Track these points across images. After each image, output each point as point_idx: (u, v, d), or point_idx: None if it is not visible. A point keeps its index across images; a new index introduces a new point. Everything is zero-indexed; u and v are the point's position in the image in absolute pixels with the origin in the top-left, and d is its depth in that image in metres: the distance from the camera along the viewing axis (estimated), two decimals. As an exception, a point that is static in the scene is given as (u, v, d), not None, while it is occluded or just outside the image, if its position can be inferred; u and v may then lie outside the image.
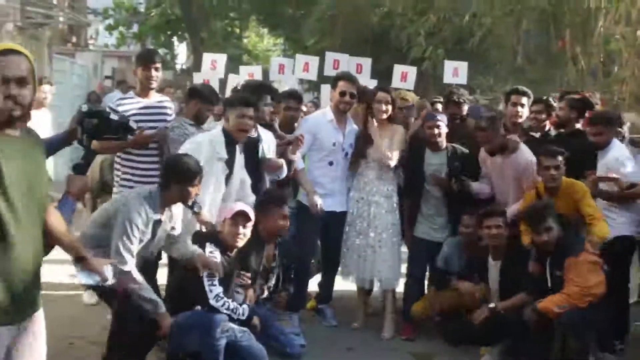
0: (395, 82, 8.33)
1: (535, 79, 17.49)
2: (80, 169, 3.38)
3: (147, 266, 4.80)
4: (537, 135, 6.26)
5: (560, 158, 5.24)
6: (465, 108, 6.37)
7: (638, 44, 14.57)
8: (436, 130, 5.81)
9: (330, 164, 5.93)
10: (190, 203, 4.65)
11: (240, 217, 4.96)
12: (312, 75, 8.56)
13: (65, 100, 15.14)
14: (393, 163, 5.70)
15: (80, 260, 3.16)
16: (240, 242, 5.00)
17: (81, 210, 6.68)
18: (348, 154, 6.01)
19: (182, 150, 5.02)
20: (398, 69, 8.47)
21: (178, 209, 4.77)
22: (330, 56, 8.56)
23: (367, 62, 8.49)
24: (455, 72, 8.79)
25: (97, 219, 4.64)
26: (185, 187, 4.52)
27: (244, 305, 4.94)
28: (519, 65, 17.05)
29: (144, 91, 5.52)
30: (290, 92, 6.22)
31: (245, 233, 4.99)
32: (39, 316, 2.82)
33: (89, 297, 6.23)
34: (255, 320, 4.98)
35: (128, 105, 5.43)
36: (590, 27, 15.52)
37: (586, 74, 15.60)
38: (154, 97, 5.58)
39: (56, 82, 16.50)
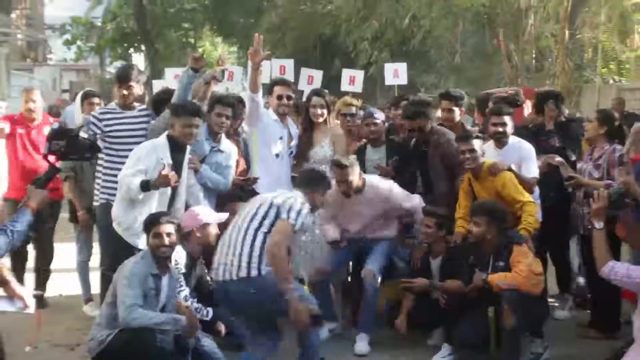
0: (344, 85, 8.36)
1: (474, 76, 17.79)
2: (39, 183, 3.35)
3: None
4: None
5: (474, 142, 5.22)
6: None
7: (566, 40, 14.96)
8: (374, 127, 5.90)
9: (277, 156, 5.95)
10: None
11: (207, 226, 4.90)
12: (265, 79, 8.47)
13: (24, 114, 14.86)
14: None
15: (1, 285, 3.10)
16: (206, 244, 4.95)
17: None
18: (293, 152, 6.05)
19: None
20: (346, 73, 8.52)
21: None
22: (276, 63, 8.63)
23: (318, 74, 8.53)
24: (395, 73, 8.84)
25: (108, 299, 4.48)
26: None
27: (209, 308, 4.90)
28: (458, 64, 17.30)
29: (124, 104, 5.46)
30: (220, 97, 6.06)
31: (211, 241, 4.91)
32: None
33: (91, 310, 5.97)
34: (220, 326, 4.89)
35: (110, 115, 5.36)
36: (522, 26, 15.87)
37: (520, 69, 15.96)
38: (135, 109, 5.49)
39: (15, 97, 16.26)
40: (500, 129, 5.46)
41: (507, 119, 5.48)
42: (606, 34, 15.56)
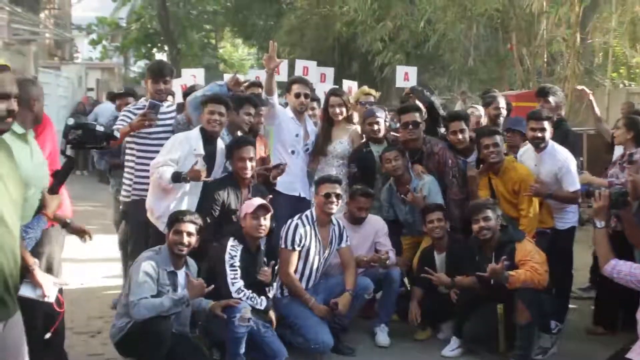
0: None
1: (487, 79, 17.65)
2: (58, 176, 3.34)
3: None
4: None
5: (497, 137, 5.29)
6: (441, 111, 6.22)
7: (577, 45, 14.83)
8: (376, 126, 5.89)
9: (293, 152, 5.95)
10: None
11: (260, 210, 4.83)
12: (283, 77, 8.40)
13: (51, 110, 14.92)
14: None
15: (26, 272, 3.03)
16: (262, 233, 4.84)
17: None
18: (309, 149, 6.04)
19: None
20: (345, 83, 8.78)
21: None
22: (299, 63, 8.68)
23: (329, 71, 8.64)
24: (406, 76, 8.91)
25: (125, 290, 4.49)
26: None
27: (263, 297, 4.81)
28: (471, 67, 17.18)
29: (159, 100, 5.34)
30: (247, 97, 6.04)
31: (266, 225, 4.81)
32: (18, 314, 2.63)
33: None
34: (271, 315, 4.83)
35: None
36: (535, 31, 15.74)
37: (532, 73, 15.83)
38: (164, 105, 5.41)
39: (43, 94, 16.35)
40: (539, 134, 5.31)
41: (546, 124, 5.32)
42: (617, 39, 15.39)
